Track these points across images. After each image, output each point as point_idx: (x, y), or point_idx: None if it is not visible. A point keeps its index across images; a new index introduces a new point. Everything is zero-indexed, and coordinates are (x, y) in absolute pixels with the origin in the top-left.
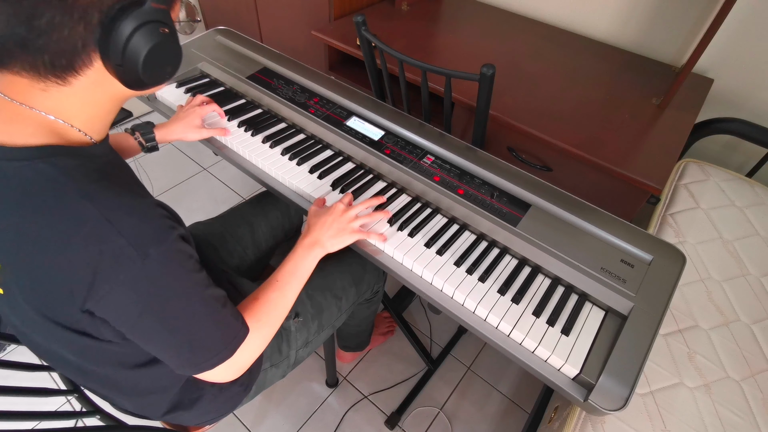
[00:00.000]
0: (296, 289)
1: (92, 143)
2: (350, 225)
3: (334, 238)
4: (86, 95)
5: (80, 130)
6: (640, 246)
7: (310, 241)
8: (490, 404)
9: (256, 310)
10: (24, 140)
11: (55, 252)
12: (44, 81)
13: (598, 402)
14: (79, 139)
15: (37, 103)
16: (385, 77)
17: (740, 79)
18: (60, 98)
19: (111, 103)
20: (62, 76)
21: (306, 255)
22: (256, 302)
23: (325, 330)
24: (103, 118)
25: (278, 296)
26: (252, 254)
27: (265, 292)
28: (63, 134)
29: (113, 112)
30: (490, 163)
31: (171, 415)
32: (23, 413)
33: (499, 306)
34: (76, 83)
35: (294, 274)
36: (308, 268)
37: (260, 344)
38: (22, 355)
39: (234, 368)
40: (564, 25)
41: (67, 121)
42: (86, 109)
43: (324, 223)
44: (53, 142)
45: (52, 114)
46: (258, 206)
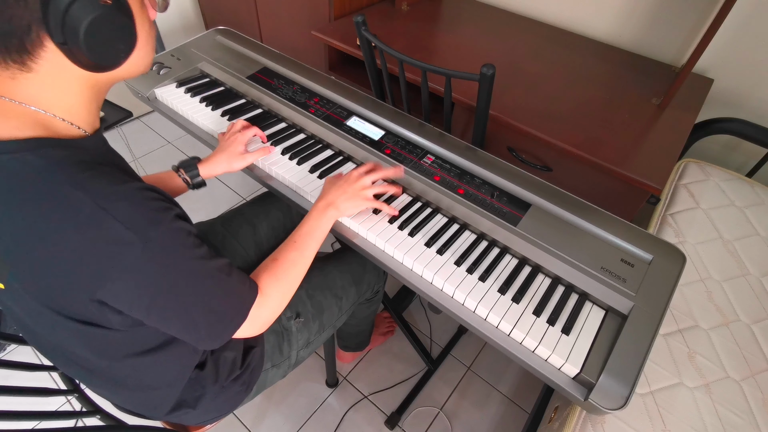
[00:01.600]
0: (313, 248)
1: (84, 135)
2: (364, 192)
3: (348, 201)
4: (53, 81)
5: (64, 120)
6: (640, 246)
7: (324, 203)
8: (490, 404)
9: (275, 269)
10: (9, 133)
11: (53, 244)
12: (8, 68)
13: (599, 401)
14: (69, 131)
15: (11, 92)
16: (385, 77)
17: (740, 79)
18: (30, 86)
19: (86, 90)
20: (21, 60)
21: (321, 216)
22: (275, 262)
23: (326, 330)
24: (86, 107)
25: (297, 255)
26: (254, 254)
27: (284, 252)
28: (50, 126)
29: (94, 100)
30: (490, 163)
31: (175, 413)
32: (23, 413)
33: (500, 305)
34: (37, 68)
35: (311, 234)
36: (324, 230)
37: (280, 299)
38: (22, 355)
39: (257, 324)
40: (564, 25)
41: (47, 111)
42: (62, 97)
43: (339, 188)
44: (41, 134)
45: (31, 104)
46: (259, 206)
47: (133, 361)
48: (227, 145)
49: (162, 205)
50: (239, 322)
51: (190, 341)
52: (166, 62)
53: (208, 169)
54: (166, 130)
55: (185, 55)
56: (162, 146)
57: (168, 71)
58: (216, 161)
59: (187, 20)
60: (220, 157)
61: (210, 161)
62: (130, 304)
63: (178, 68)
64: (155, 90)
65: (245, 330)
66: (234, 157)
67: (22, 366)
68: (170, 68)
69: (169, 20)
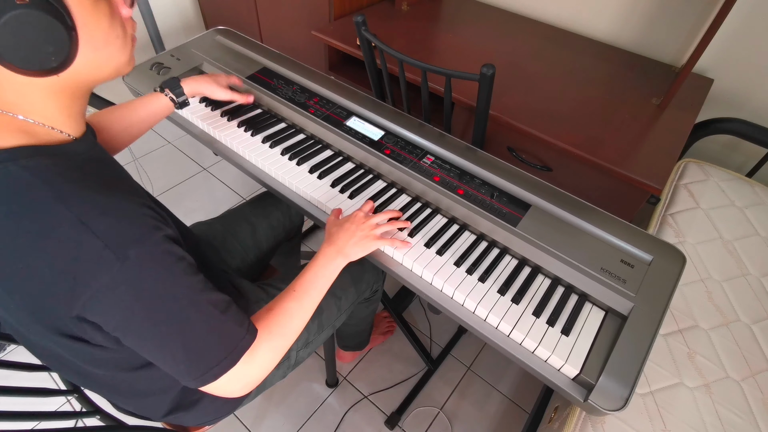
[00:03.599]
0: (316, 299)
1: (69, 140)
2: (373, 232)
3: (357, 245)
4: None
5: (45, 125)
6: (640, 246)
7: (333, 250)
8: (490, 404)
9: (268, 321)
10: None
11: (33, 258)
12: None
13: (598, 402)
14: (52, 136)
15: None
16: (385, 77)
17: (740, 79)
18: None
19: (54, 95)
20: None
21: (328, 264)
22: (270, 312)
23: (325, 330)
24: (63, 111)
25: (295, 306)
26: (253, 254)
27: (281, 302)
28: (32, 133)
29: (72, 104)
30: (490, 163)
31: (171, 416)
32: (23, 413)
33: (499, 306)
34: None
35: (314, 283)
36: (329, 278)
37: (272, 357)
38: (22, 355)
39: (242, 381)
40: (564, 25)
41: (26, 116)
42: (33, 103)
43: (347, 231)
44: (23, 142)
45: (7, 110)
46: (259, 206)
47: (125, 374)
48: (212, 74)
49: (151, 223)
50: (226, 366)
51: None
52: (166, 62)
53: (191, 88)
54: (166, 130)
55: (185, 55)
56: (162, 146)
57: (167, 71)
58: (200, 82)
59: (187, 20)
60: (203, 79)
61: (193, 81)
62: (106, 322)
63: (178, 68)
64: None
65: (227, 384)
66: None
67: (22, 366)
68: (170, 68)
69: (169, 20)
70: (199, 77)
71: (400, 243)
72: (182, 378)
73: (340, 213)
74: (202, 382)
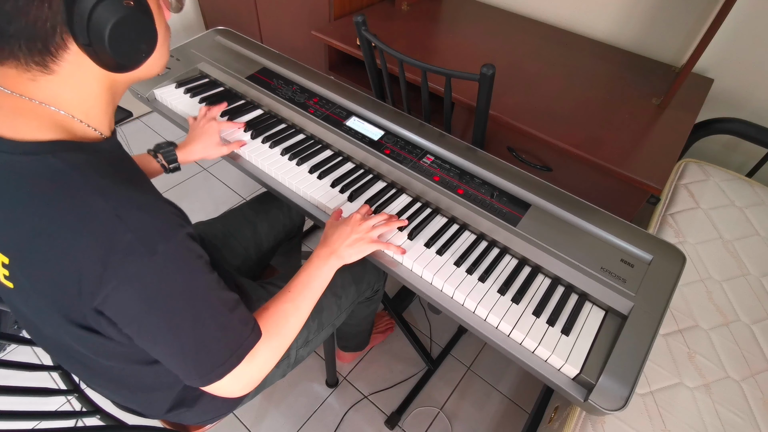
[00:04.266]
0: (311, 300)
1: (101, 138)
2: (368, 235)
3: (352, 247)
4: (74, 82)
5: (82, 122)
6: (640, 246)
7: (326, 251)
8: (490, 404)
9: (265, 321)
10: (31, 135)
11: (65, 246)
12: (29, 70)
13: (598, 402)
14: (86, 133)
15: (32, 93)
16: (385, 77)
17: (740, 79)
18: (50, 87)
19: (105, 92)
20: (43, 62)
21: (322, 265)
22: (266, 313)
23: (324, 329)
24: (104, 109)
25: (291, 308)
26: (254, 254)
27: (277, 303)
28: (69, 128)
29: (111, 103)
30: (490, 163)
31: (173, 413)
32: (23, 413)
33: (499, 306)
34: (59, 70)
35: (308, 285)
36: (324, 279)
37: (270, 357)
38: (22, 355)
39: (243, 381)
40: (564, 25)
41: (67, 111)
42: (81, 99)
43: (342, 233)
44: (61, 137)
45: (51, 104)
46: (259, 206)
47: (135, 366)
48: (202, 132)
49: (177, 221)
50: (231, 364)
51: (176, 372)
52: None
53: (184, 155)
54: (166, 131)
55: (185, 56)
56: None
57: (167, 72)
58: (191, 150)
59: (187, 20)
60: (195, 146)
61: (186, 148)
62: (122, 316)
63: (178, 68)
64: (154, 90)
65: (229, 384)
66: (210, 147)
67: (22, 366)
68: (169, 68)
69: (169, 20)
70: (193, 143)
71: (395, 248)
72: (188, 375)
73: (340, 215)
74: (207, 380)
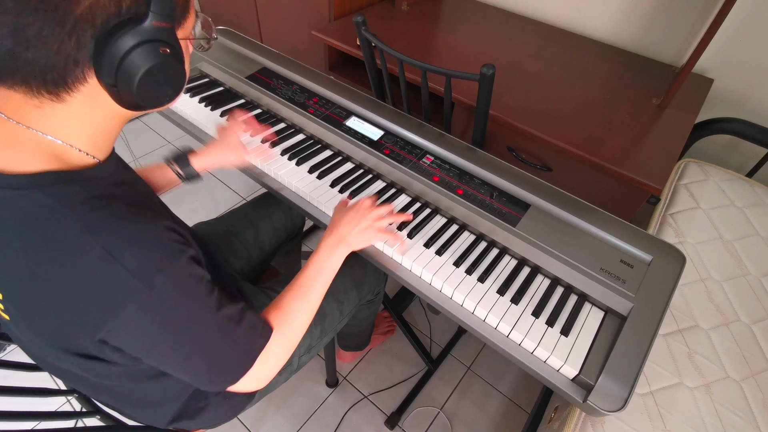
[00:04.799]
0: (320, 292)
1: (96, 163)
2: (377, 223)
3: (360, 234)
4: (83, 113)
5: (81, 150)
6: (640, 246)
7: (334, 239)
8: (490, 404)
9: (276, 319)
10: (21, 167)
11: (57, 286)
12: (37, 97)
13: (598, 403)
14: (81, 160)
15: (32, 121)
16: (385, 77)
17: (740, 79)
18: (55, 116)
19: (112, 122)
20: (55, 92)
21: (330, 254)
22: (278, 311)
23: (327, 334)
24: (106, 137)
25: (302, 304)
26: (256, 256)
27: (287, 299)
28: (62, 157)
29: (116, 130)
30: (490, 163)
31: (176, 423)
32: (23, 413)
33: (499, 306)
34: (71, 100)
35: (317, 276)
36: (333, 268)
37: (283, 353)
38: (23, 355)
39: (258, 379)
40: (564, 25)
41: (65, 141)
42: (85, 128)
43: (350, 220)
44: (52, 167)
45: (49, 134)
46: (261, 207)
47: (137, 384)
48: (223, 139)
49: (175, 247)
50: (244, 370)
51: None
52: None
53: (200, 163)
54: (166, 130)
55: None
56: (162, 146)
57: None
58: (209, 156)
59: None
60: (213, 153)
61: (203, 155)
62: (129, 346)
63: None
64: None
65: (245, 383)
66: (229, 152)
67: (22, 366)
68: None
69: None
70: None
71: (400, 239)
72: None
73: (347, 203)
74: (222, 387)
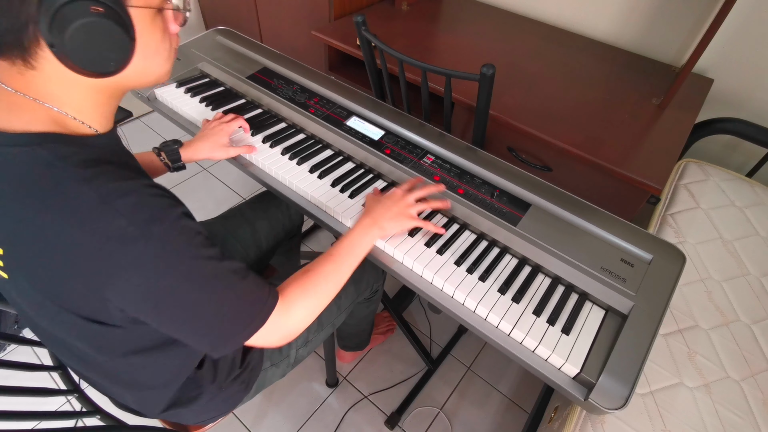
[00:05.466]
0: (352, 265)
1: (93, 133)
2: (408, 210)
3: (393, 220)
4: (58, 81)
5: (75, 119)
6: (640, 246)
7: (369, 221)
8: (490, 404)
9: (305, 281)
10: (23, 127)
11: (55, 237)
12: (14, 64)
13: (599, 401)
14: (80, 129)
15: (22, 88)
16: (385, 77)
17: (740, 79)
18: (37, 83)
19: (93, 93)
20: (22, 56)
21: (364, 234)
22: (307, 274)
23: (324, 329)
24: (97, 109)
25: (332, 269)
26: (253, 254)
27: (319, 264)
28: (62, 123)
29: (105, 104)
30: (490, 162)
31: (169, 412)
32: (23, 413)
33: (500, 305)
34: (40, 67)
35: (351, 251)
36: (365, 247)
37: (307, 313)
38: (22, 355)
39: (278, 334)
40: (564, 25)
41: (60, 108)
42: (71, 97)
43: (384, 206)
44: (52, 130)
45: (43, 100)
46: (259, 206)
47: (130, 359)
48: (211, 133)
49: (167, 202)
50: (255, 327)
51: (203, 347)
52: None
53: (189, 154)
54: (166, 130)
55: (185, 55)
56: None
57: None
58: (198, 148)
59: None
60: (202, 144)
61: (192, 147)
62: (136, 305)
63: (178, 68)
64: (155, 90)
65: (265, 338)
66: (216, 148)
67: (22, 366)
68: None
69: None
70: (200, 142)
71: (433, 227)
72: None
73: (378, 191)
74: (234, 344)
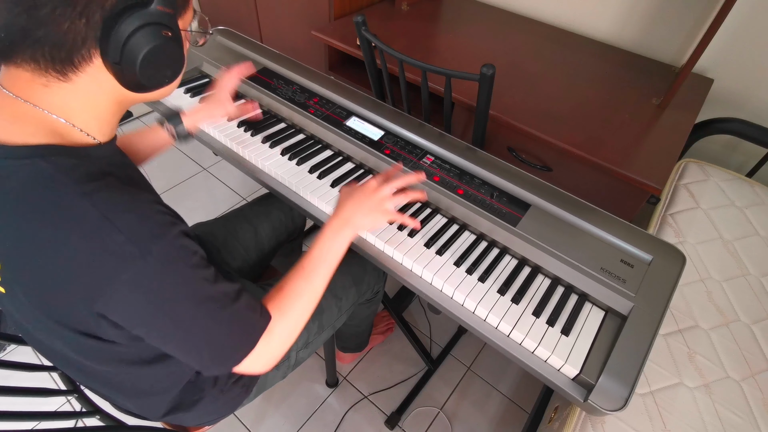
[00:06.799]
0: (325, 275)
1: (96, 144)
2: (383, 205)
3: (366, 217)
4: (87, 93)
5: (82, 130)
6: (640, 246)
7: (339, 221)
8: (490, 404)
9: (279, 301)
10: (24, 139)
11: (55, 252)
12: (45, 75)
13: (598, 402)
14: (82, 139)
15: (38, 99)
16: (385, 77)
17: (740, 79)
18: (61, 95)
19: (114, 105)
20: (62, 70)
21: (335, 237)
22: (280, 292)
23: (325, 331)
24: (107, 120)
25: (304, 285)
26: (254, 255)
27: (290, 280)
28: (64, 134)
29: (117, 115)
30: (490, 163)
31: (170, 416)
32: (23, 413)
33: (499, 306)
34: (76, 80)
35: (322, 259)
36: (338, 252)
37: (288, 334)
38: (22, 355)
39: (263, 359)
40: (564, 25)
41: (68, 120)
42: (88, 109)
43: (356, 201)
44: (53, 141)
45: (54, 112)
46: (261, 207)
47: (130, 369)
48: (212, 96)
49: (168, 219)
50: (246, 351)
51: (193, 365)
52: None
53: (191, 119)
54: None
55: None
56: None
57: None
58: (197, 113)
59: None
60: (200, 110)
61: (192, 111)
62: (129, 320)
63: None
64: None
65: (251, 364)
66: (213, 105)
67: (22, 366)
68: None
69: None
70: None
71: (409, 220)
72: (204, 368)
73: (354, 185)
74: (224, 369)
